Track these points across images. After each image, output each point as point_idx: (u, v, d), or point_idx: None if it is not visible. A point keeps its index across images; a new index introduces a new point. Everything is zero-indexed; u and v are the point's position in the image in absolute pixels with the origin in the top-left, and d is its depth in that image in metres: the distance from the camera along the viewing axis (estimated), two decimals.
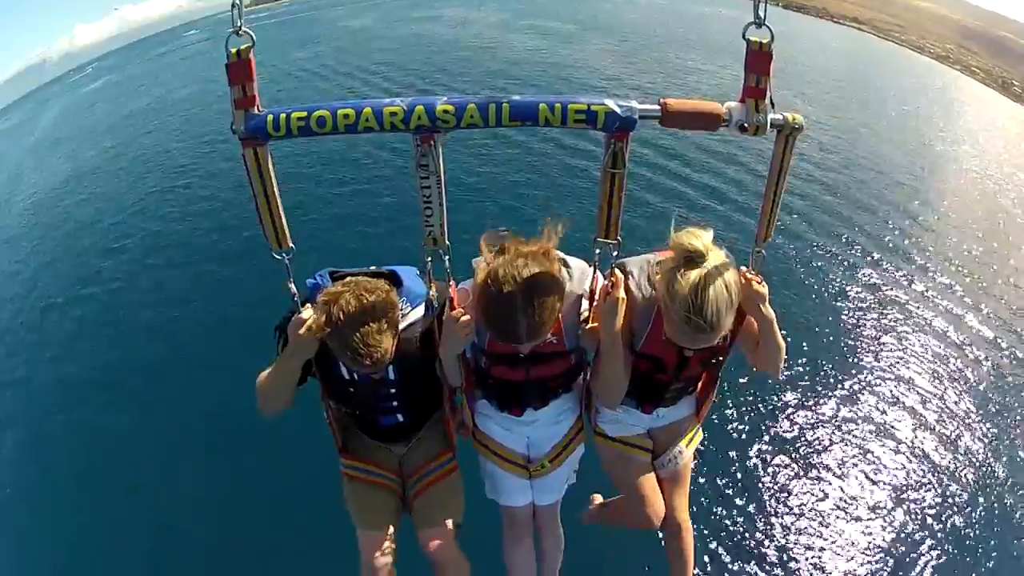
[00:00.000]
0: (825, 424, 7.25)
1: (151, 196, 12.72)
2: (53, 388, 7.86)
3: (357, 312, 1.82)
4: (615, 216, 1.80)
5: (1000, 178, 16.08)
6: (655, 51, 22.43)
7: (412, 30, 22.86)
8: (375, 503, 2.36)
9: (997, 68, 39.95)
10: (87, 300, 9.50)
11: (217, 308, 8.57)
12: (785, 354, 2.13)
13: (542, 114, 1.61)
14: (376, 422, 2.34)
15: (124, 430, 6.92)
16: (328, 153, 12.68)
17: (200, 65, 23.04)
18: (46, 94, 30.60)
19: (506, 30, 23.19)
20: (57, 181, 15.01)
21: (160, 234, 10.93)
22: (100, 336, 8.61)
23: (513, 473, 2.43)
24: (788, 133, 1.70)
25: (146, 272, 9.85)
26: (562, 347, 2.10)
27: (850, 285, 9.73)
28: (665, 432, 2.48)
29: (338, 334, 1.83)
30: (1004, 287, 10.87)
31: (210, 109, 17.10)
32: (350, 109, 1.65)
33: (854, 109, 18.03)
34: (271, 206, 1.79)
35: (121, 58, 33.38)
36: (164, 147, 15.29)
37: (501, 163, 12.38)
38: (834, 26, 39.09)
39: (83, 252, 11.05)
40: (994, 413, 7.98)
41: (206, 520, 5.81)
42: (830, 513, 6.27)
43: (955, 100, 25.75)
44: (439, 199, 1.79)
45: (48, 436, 7.18)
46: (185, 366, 7.69)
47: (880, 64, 30.86)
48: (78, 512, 6.12)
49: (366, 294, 1.85)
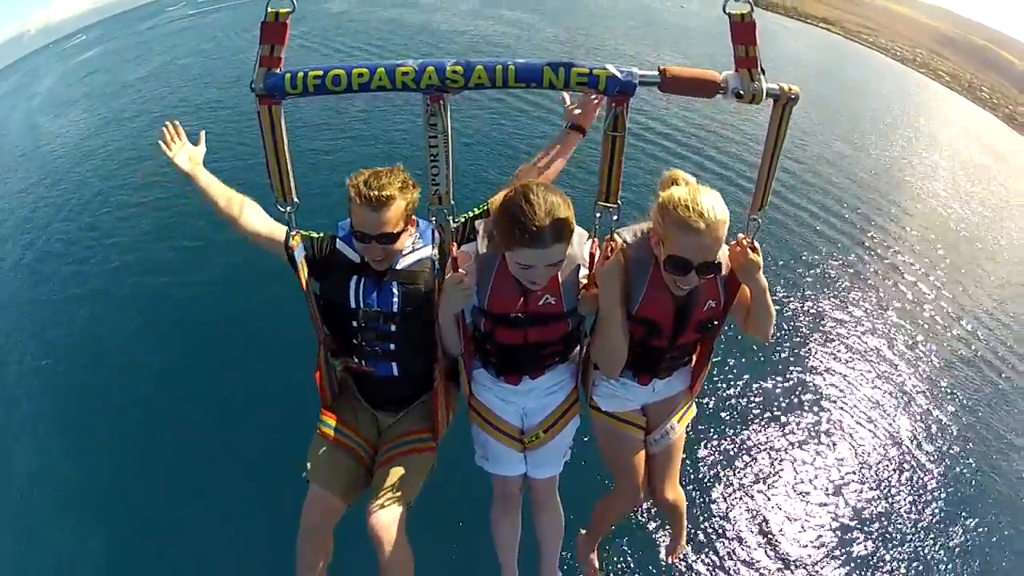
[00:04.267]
0: (812, 403, 7.49)
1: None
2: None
3: (371, 172, 2.13)
4: (615, 180, 1.88)
5: (949, 173, 16.99)
6: (623, 40, 23.04)
7: (389, 15, 23.66)
8: (337, 464, 2.36)
9: (967, 74, 40.67)
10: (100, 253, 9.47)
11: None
12: (774, 320, 2.20)
13: (546, 76, 1.69)
14: (372, 371, 2.39)
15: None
16: (337, 124, 12.91)
17: (192, 38, 22.98)
18: (33, 63, 29.96)
19: (475, 17, 24.00)
20: (77, 134, 14.98)
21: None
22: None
23: (506, 445, 2.46)
24: (784, 103, 1.76)
25: (160, 231, 9.78)
26: (560, 308, 2.15)
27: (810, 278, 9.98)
28: (659, 407, 2.53)
29: (353, 187, 2.10)
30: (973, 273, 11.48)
31: (214, 77, 17.02)
32: (364, 68, 1.72)
33: (811, 107, 18.26)
34: (280, 162, 1.90)
35: (107, 30, 32.78)
36: (176, 108, 14.96)
37: (506, 133, 12.84)
38: (803, 26, 39.62)
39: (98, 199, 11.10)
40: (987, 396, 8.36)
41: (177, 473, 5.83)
42: (817, 490, 6.46)
43: (917, 102, 27.08)
44: (446, 158, 1.86)
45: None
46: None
47: (845, 64, 31.41)
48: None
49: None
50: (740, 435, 6.79)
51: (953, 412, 7.90)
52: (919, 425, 7.53)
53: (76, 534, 5.57)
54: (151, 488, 5.76)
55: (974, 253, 12.75)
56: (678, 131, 13.53)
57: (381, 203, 2.06)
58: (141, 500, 5.73)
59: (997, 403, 8.36)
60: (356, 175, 2.13)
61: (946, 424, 7.67)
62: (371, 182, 2.08)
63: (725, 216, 1.91)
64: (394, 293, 2.25)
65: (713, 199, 1.92)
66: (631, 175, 2.12)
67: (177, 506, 5.56)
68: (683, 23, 28.80)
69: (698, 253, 1.93)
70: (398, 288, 2.25)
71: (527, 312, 2.13)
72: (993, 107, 35.51)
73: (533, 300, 2.11)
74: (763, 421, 7.06)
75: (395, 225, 2.12)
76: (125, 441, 6.31)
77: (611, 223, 1.98)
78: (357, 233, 2.14)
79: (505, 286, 2.10)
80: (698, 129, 13.89)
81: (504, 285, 2.09)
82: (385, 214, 2.08)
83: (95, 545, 5.45)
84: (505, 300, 2.12)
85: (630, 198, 1.95)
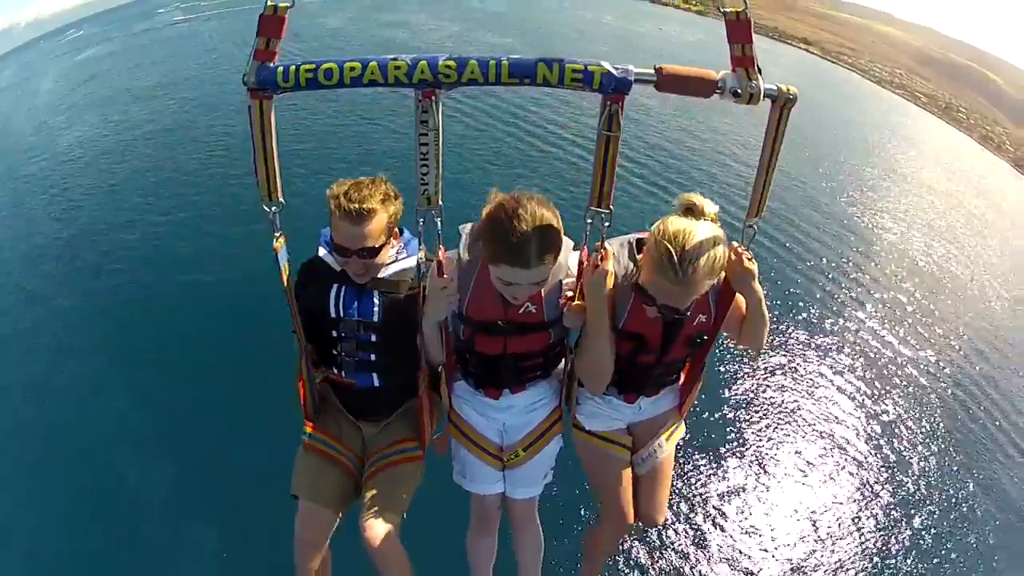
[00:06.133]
0: (804, 418, 7.74)
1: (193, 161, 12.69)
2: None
3: (352, 183, 2.07)
4: (608, 183, 1.82)
5: (916, 199, 18.08)
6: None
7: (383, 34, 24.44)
8: (325, 477, 2.31)
9: (946, 94, 41.50)
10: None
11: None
12: (768, 329, 2.15)
13: (540, 72, 1.66)
14: (352, 382, 2.33)
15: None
16: (326, 130, 13.31)
17: (192, 45, 23.47)
18: (26, 58, 30.39)
19: (461, 40, 25.01)
20: (91, 140, 15.05)
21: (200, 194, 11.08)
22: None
23: (485, 462, 2.38)
24: (783, 104, 1.73)
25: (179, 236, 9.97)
26: (540, 318, 2.09)
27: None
28: (646, 426, 2.43)
29: (333, 198, 2.04)
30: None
31: (224, 88, 17.27)
32: (356, 63, 1.70)
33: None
34: (267, 158, 1.86)
35: (101, 27, 33.44)
36: (193, 119, 15.28)
37: (497, 139, 13.52)
38: (783, 47, 40.88)
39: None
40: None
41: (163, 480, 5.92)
42: (802, 509, 6.55)
43: (892, 125, 28.93)
44: (436, 157, 1.82)
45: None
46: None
47: (820, 90, 32.51)
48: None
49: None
50: (726, 455, 6.78)
51: (941, 431, 8.23)
52: (908, 450, 7.76)
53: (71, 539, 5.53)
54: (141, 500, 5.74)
55: (935, 283, 13.25)
56: (672, 136, 14.08)
57: (362, 216, 2.01)
58: (133, 510, 5.69)
59: (982, 421, 8.73)
60: (336, 185, 2.08)
61: (936, 448, 7.92)
62: (352, 194, 2.02)
63: (709, 272, 1.84)
64: (375, 303, 2.21)
65: (705, 250, 1.82)
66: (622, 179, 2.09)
67: (171, 521, 5.57)
68: (659, 48, 30.06)
69: (667, 298, 1.91)
70: (379, 298, 2.21)
71: (507, 320, 2.07)
72: (969, 128, 36.40)
73: (514, 309, 2.06)
74: (749, 438, 7.13)
75: (376, 239, 2.07)
76: (125, 441, 6.41)
77: (602, 229, 1.91)
78: (337, 247, 2.09)
79: (485, 293, 2.04)
80: (694, 133, 14.40)
81: (484, 292, 2.04)
82: (366, 227, 2.03)
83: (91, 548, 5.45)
84: (485, 307, 2.07)
85: (622, 200, 1.90)
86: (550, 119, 15.61)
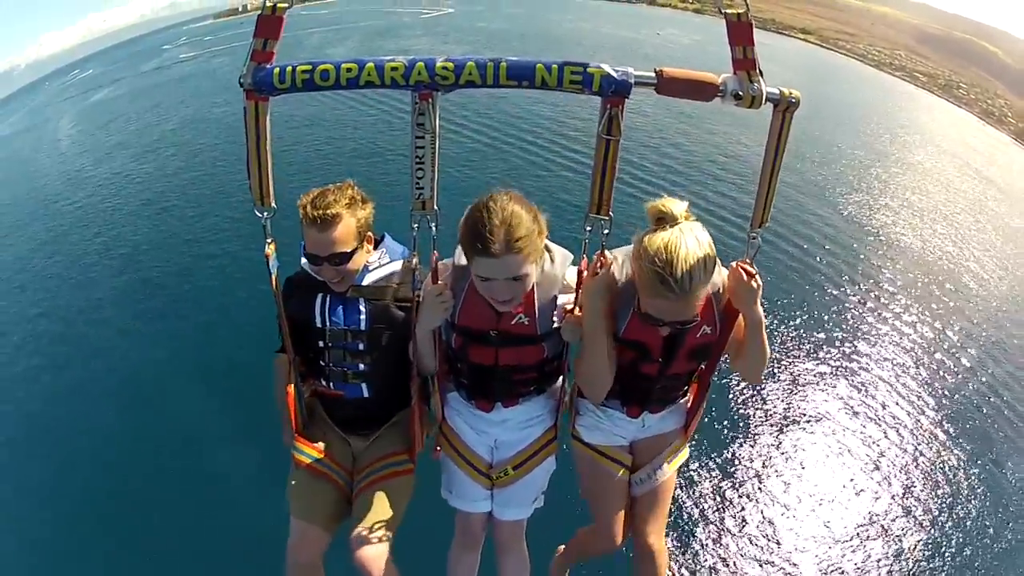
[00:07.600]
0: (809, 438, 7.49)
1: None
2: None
3: (319, 191, 2.09)
4: (608, 188, 1.79)
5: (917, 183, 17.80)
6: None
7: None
8: (318, 495, 2.27)
9: (945, 72, 41.22)
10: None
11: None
12: (768, 361, 2.05)
13: (539, 74, 1.64)
14: (341, 394, 2.30)
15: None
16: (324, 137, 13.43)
17: (208, 84, 23.62)
18: (33, 101, 30.65)
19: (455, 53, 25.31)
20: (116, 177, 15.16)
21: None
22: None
23: (472, 479, 2.31)
24: (785, 108, 1.69)
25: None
26: (532, 330, 2.03)
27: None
28: (648, 444, 2.34)
29: (301, 207, 2.04)
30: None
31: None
32: (352, 64, 1.69)
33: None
34: (261, 162, 1.84)
35: (108, 68, 33.77)
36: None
37: (495, 141, 13.61)
38: (780, 39, 40.86)
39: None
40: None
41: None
42: (809, 531, 6.35)
43: (891, 107, 28.77)
44: (432, 161, 1.79)
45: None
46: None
47: (818, 82, 32.28)
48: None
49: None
50: (727, 477, 6.65)
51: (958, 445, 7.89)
52: (920, 471, 7.46)
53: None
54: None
55: (945, 271, 12.87)
56: (673, 140, 14.00)
57: (327, 222, 2.02)
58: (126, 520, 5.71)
59: (993, 425, 8.41)
60: (304, 195, 2.07)
61: (953, 464, 7.63)
62: (317, 201, 2.03)
63: (704, 278, 1.77)
64: (361, 310, 2.18)
65: (694, 256, 1.72)
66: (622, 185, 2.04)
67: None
68: (658, 54, 30.09)
69: (673, 315, 1.84)
70: (364, 305, 2.19)
71: (498, 330, 2.02)
72: (969, 104, 36.17)
73: (506, 319, 2.01)
74: (750, 449, 7.02)
75: (345, 244, 2.06)
76: (128, 441, 6.58)
77: (602, 236, 1.87)
78: (308, 255, 2.09)
79: (477, 301, 2.00)
80: (694, 136, 14.35)
81: (476, 299, 2.00)
82: (332, 233, 2.03)
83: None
84: (476, 315, 2.02)
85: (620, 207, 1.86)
86: (550, 120, 15.57)
